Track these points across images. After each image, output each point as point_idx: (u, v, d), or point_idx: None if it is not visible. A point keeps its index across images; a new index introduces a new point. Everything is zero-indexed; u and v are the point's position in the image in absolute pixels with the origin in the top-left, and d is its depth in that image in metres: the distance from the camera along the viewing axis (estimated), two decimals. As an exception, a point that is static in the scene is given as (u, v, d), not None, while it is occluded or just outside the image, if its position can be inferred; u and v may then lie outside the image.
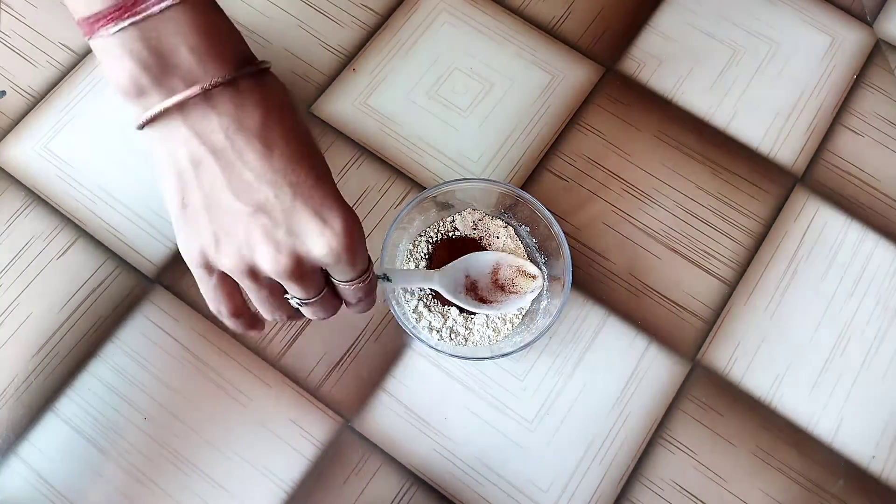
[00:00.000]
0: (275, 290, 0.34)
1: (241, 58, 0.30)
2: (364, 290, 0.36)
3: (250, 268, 0.32)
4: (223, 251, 0.31)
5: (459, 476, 0.46)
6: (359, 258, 0.33)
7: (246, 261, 0.31)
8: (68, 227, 0.51)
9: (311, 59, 0.56)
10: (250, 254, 0.31)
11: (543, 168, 0.54)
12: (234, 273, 0.32)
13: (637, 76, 0.57)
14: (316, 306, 0.35)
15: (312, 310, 0.36)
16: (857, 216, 0.53)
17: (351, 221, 0.32)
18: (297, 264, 0.31)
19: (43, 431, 0.46)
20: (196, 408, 0.47)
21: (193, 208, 0.31)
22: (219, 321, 0.49)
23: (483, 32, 0.58)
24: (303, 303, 0.35)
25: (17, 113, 0.54)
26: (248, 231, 0.31)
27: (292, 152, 0.31)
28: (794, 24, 0.59)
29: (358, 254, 0.32)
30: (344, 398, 0.48)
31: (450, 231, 0.50)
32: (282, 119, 0.31)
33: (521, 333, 0.47)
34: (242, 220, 0.30)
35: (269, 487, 0.46)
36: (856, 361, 0.49)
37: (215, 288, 0.34)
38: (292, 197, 0.30)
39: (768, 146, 0.55)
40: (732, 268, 0.51)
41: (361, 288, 0.35)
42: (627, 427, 0.47)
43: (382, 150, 0.54)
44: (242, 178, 0.30)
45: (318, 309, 0.36)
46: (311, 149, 0.32)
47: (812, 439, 0.47)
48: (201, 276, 0.34)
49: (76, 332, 0.49)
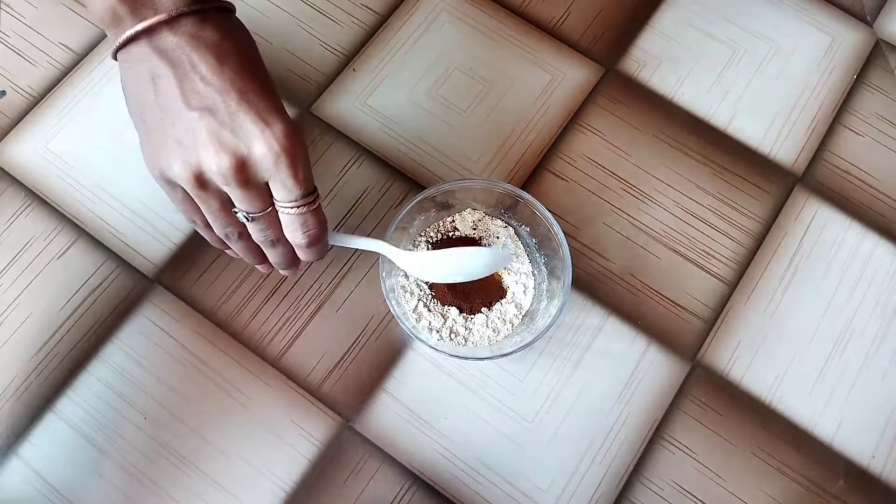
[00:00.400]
0: (224, 203, 0.37)
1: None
2: (311, 219, 0.37)
3: (197, 173, 0.34)
4: (174, 159, 0.34)
5: (459, 476, 0.46)
6: (300, 167, 0.35)
7: (192, 165, 0.34)
8: (68, 227, 0.51)
9: (311, 59, 0.56)
10: (196, 156, 0.34)
11: (543, 168, 0.54)
12: (184, 182, 0.35)
13: (637, 76, 0.57)
14: (263, 222, 0.37)
15: (260, 227, 0.38)
16: (857, 216, 0.53)
17: (292, 128, 0.34)
18: (239, 165, 0.34)
19: (43, 431, 0.46)
20: (196, 408, 0.47)
21: (152, 123, 0.35)
22: (218, 321, 0.49)
23: (483, 32, 0.58)
24: (249, 217, 0.37)
25: (17, 113, 0.54)
26: (195, 133, 0.33)
27: (243, 66, 0.34)
28: (794, 24, 0.59)
29: (299, 161, 0.35)
30: (344, 398, 0.48)
31: (450, 231, 0.50)
32: (236, 43, 0.34)
33: (520, 333, 0.47)
34: (192, 124, 0.33)
35: (269, 487, 0.46)
36: (856, 361, 0.49)
37: (182, 201, 0.37)
38: (238, 101, 0.33)
39: (768, 146, 0.55)
40: (732, 268, 0.51)
41: (306, 214, 0.37)
42: (627, 427, 0.47)
43: (382, 150, 0.54)
44: (195, 86, 0.33)
45: (265, 226, 0.38)
46: (262, 68, 0.36)
47: (812, 439, 0.47)
48: (167, 190, 0.37)
49: (76, 332, 0.49)
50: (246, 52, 0.35)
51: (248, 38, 0.36)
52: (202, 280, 0.50)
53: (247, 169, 0.34)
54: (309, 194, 0.36)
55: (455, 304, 0.48)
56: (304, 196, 0.36)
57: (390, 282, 0.46)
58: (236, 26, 0.36)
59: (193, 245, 0.51)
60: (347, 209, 0.52)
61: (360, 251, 0.51)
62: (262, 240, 0.39)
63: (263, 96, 0.34)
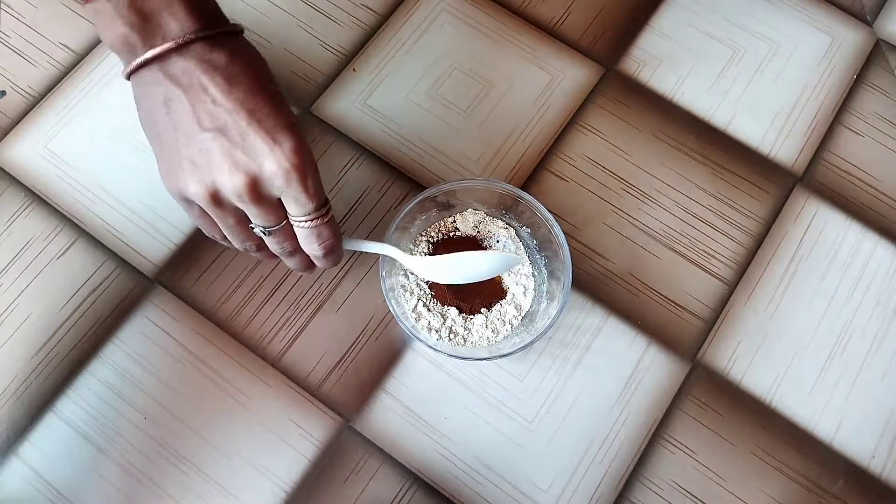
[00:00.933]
0: (240, 219, 0.38)
1: (213, 20, 0.35)
2: (325, 230, 0.38)
3: (212, 192, 0.35)
4: (190, 179, 0.35)
5: (459, 476, 0.46)
6: (311, 183, 0.36)
7: (207, 184, 0.35)
8: (68, 227, 0.51)
9: (311, 59, 0.56)
10: (210, 176, 0.35)
11: (543, 168, 0.54)
12: (200, 200, 0.36)
13: (637, 76, 0.57)
14: (279, 235, 0.39)
15: (276, 240, 0.39)
16: (857, 216, 0.53)
17: (301, 145, 0.35)
18: (252, 183, 0.35)
19: (43, 431, 0.46)
20: (196, 408, 0.47)
21: (167, 144, 0.36)
22: (218, 321, 0.49)
23: (483, 32, 0.58)
24: (265, 231, 0.38)
25: (17, 113, 0.54)
26: (208, 154, 0.34)
27: (252, 86, 0.35)
28: (794, 24, 0.59)
29: (309, 177, 0.35)
30: (344, 398, 0.48)
31: (451, 231, 0.50)
32: (245, 64, 0.35)
33: (519, 335, 0.47)
34: (205, 145, 0.34)
35: (269, 487, 0.46)
36: (856, 361, 0.49)
37: (200, 216, 0.39)
38: (248, 121, 0.34)
39: (768, 146, 0.55)
40: (732, 268, 0.51)
41: (320, 227, 0.38)
42: (627, 427, 0.47)
43: (382, 150, 0.54)
44: (206, 108, 0.34)
45: (281, 239, 0.39)
46: (272, 88, 0.36)
47: (812, 439, 0.47)
48: (184, 207, 0.38)
49: (76, 332, 0.49)
50: (255, 72, 0.36)
51: (256, 58, 0.37)
52: (202, 280, 0.50)
53: (259, 186, 0.35)
54: (321, 206, 0.37)
55: (455, 304, 0.48)
56: (316, 209, 0.37)
57: (390, 281, 0.46)
58: (245, 47, 0.36)
59: (193, 245, 0.51)
60: (348, 209, 0.52)
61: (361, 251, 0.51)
62: (280, 251, 0.40)
63: (272, 114, 0.35)
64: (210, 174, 0.35)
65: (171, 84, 0.34)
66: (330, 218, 0.38)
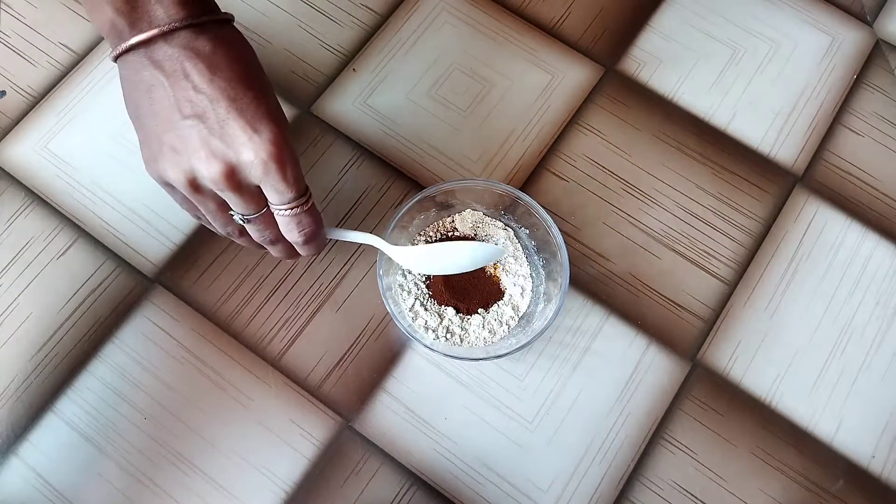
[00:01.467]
0: (220, 205, 0.38)
1: (201, 7, 0.35)
2: (305, 218, 0.38)
3: (190, 178, 0.35)
4: (169, 164, 0.35)
5: (459, 476, 0.46)
6: (289, 172, 0.36)
7: (185, 170, 0.35)
8: (68, 227, 0.51)
9: (311, 59, 0.56)
10: (189, 162, 0.35)
11: (543, 168, 0.54)
12: (179, 186, 0.36)
13: (637, 76, 0.57)
14: (259, 223, 0.39)
15: (256, 228, 0.39)
16: (857, 216, 0.53)
17: (280, 134, 0.35)
18: (230, 172, 0.35)
19: (43, 431, 0.46)
20: (196, 408, 0.47)
21: (148, 129, 0.36)
22: (218, 321, 0.49)
23: (483, 32, 0.58)
24: (245, 219, 0.38)
25: (17, 113, 0.54)
26: (187, 140, 0.34)
27: (235, 75, 0.35)
28: (794, 24, 0.59)
29: (288, 166, 0.35)
30: (344, 398, 0.48)
31: (449, 231, 0.50)
32: (229, 52, 0.35)
33: (516, 336, 0.47)
34: (184, 132, 0.34)
35: (269, 487, 0.46)
36: (856, 361, 0.49)
37: (182, 201, 0.39)
38: (227, 109, 0.34)
39: (768, 146, 0.55)
40: (732, 268, 0.51)
41: (300, 215, 0.38)
42: (627, 427, 0.47)
43: (382, 150, 0.54)
44: (187, 95, 0.34)
45: (262, 227, 0.39)
46: (257, 76, 0.36)
47: (812, 439, 0.47)
48: (167, 191, 0.38)
49: (76, 332, 0.49)
50: (240, 60, 0.36)
51: (243, 47, 0.37)
52: (202, 280, 0.50)
53: (237, 175, 0.35)
54: (301, 195, 0.37)
55: (452, 304, 0.48)
56: (296, 198, 0.37)
57: (387, 280, 0.46)
58: (231, 36, 0.36)
59: (193, 245, 0.51)
60: (348, 209, 0.52)
61: (361, 251, 0.51)
62: (261, 239, 0.41)
63: (254, 103, 0.35)
64: (188, 161, 0.35)
65: (154, 70, 0.34)
66: (311, 206, 0.38)
